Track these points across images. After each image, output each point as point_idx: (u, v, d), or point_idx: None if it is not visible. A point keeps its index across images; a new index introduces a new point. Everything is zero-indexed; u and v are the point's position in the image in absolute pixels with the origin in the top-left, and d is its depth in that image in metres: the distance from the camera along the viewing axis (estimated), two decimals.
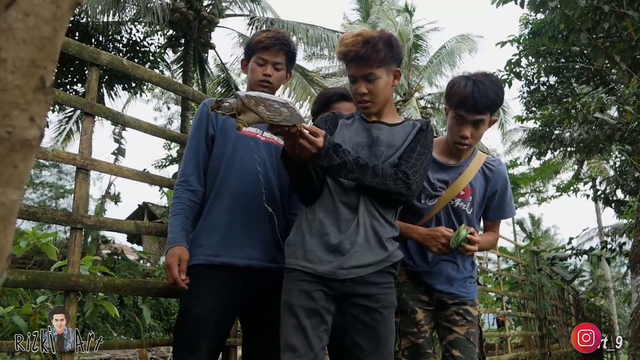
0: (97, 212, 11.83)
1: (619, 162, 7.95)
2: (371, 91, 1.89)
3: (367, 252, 1.79)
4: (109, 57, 2.04)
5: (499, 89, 2.16)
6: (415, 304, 2.24)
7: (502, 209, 2.35)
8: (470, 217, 2.26)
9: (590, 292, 21.35)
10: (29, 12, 0.49)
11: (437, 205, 2.23)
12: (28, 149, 0.51)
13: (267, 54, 2.13)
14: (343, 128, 1.97)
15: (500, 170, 2.32)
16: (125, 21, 12.49)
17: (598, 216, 20.97)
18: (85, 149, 1.89)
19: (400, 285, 2.26)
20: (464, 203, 2.24)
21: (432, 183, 2.22)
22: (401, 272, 2.27)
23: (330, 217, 1.82)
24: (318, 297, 1.77)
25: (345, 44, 1.88)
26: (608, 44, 6.15)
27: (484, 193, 2.29)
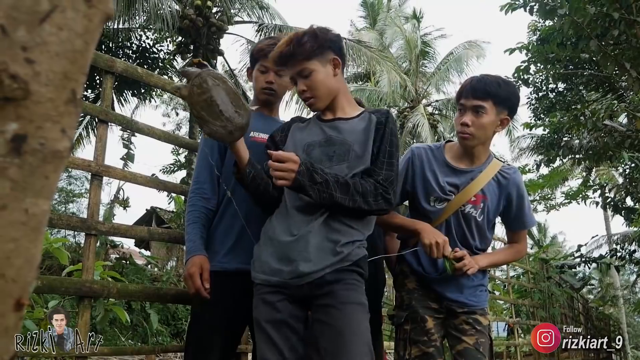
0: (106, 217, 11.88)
1: (628, 170, 7.91)
2: (310, 86, 1.82)
3: (319, 258, 1.70)
4: (124, 65, 2.06)
5: (504, 83, 2.13)
6: (425, 311, 2.21)
7: (522, 219, 2.29)
8: (481, 224, 2.21)
9: (599, 300, 21.17)
10: (62, 26, 0.49)
11: (447, 210, 2.18)
12: (59, 160, 0.52)
13: (268, 61, 2.09)
14: (295, 132, 1.93)
15: (514, 178, 2.25)
16: (135, 28, 12.58)
17: (607, 224, 20.82)
18: (100, 155, 1.91)
19: (410, 292, 2.25)
20: (475, 209, 2.18)
21: (442, 186, 2.18)
22: (411, 279, 2.27)
23: (283, 224, 1.77)
24: (282, 307, 1.71)
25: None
26: (618, 51, 6.12)
27: (497, 202, 2.22)
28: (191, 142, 2.55)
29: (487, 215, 2.21)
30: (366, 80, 18.54)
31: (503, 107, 2.11)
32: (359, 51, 12.87)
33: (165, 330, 8.06)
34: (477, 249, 2.25)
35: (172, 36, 12.89)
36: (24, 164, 0.48)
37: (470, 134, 2.11)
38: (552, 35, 7.93)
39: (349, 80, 19.32)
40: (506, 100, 2.11)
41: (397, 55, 18.85)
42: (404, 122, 16.27)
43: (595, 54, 6.16)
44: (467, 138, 2.12)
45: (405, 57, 18.59)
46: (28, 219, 0.50)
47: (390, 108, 17.85)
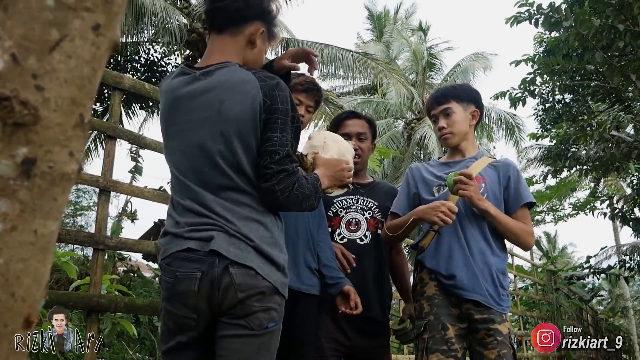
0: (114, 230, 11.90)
1: (636, 181, 7.87)
2: None
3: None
4: (132, 81, 2.09)
5: (458, 85, 2.53)
6: (447, 319, 2.18)
7: (521, 194, 2.33)
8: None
9: (608, 311, 20.96)
10: (71, 54, 0.52)
11: (453, 197, 2.25)
12: (67, 182, 0.54)
13: (304, 95, 2.21)
14: None
15: (506, 161, 2.46)
16: (144, 42, 12.70)
17: (616, 234, 20.65)
18: (107, 171, 1.93)
19: (431, 299, 2.23)
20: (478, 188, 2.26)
21: (440, 176, 2.36)
22: (430, 285, 2.25)
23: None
24: None
25: None
26: (623, 62, 6.13)
27: (497, 181, 2.33)
28: None
29: (490, 193, 2.29)
30: (373, 93, 18.59)
31: (466, 102, 2.38)
32: (366, 63, 12.91)
33: None
34: (487, 234, 2.26)
35: (180, 49, 13.00)
36: (34, 187, 0.50)
37: (449, 133, 2.36)
38: (557, 47, 7.94)
39: (356, 93, 19.39)
40: (466, 95, 2.41)
41: (403, 67, 18.90)
42: (411, 133, 16.26)
43: (601, 66, 6.15)
44: (447, 138, 2.37)
45: (412, 68, 18.63)
46: (37, 240, 0.52)
47: (397, 120, 17.88)
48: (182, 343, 1.53)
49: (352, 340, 2.33)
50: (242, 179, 1.52)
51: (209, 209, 1.51)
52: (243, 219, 1.50)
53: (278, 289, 1.51)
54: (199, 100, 1.56)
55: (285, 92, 1.57)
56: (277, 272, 1.52)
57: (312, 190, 1.60)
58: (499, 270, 2.26)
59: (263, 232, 1.51)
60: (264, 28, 1.65)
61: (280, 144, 1.51)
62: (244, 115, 1.51)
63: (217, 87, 1.55)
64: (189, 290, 1.47)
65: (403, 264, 2.71)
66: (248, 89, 1.53)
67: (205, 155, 1.53)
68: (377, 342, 2.44)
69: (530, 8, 6.00)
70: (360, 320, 2.32)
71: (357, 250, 2.38)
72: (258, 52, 1.67)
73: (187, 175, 1.56)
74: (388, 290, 2.55)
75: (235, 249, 1.47)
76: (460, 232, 2.24)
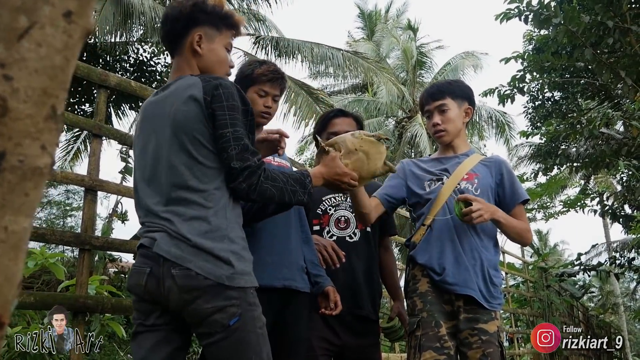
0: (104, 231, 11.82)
1: (625, 177, 7.92)
2: None
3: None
4: (117, 79, 2.06)
5: (453, 81, 2.49)
6: (441, 316, 2.16)
7: (517, 191, 2.33)
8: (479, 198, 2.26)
9: (599, 308, 21.11)
10: (41, 43, 0.49)
11: (445, 192, 2.26)
12: (39, 177, 0.51)
13: (268, 85, 2.14)
14: None
15: (497, 158, 2.45)
16: (133, 41, 12.63)
17: (606, 231, 20.82)
18: (93, 170, 1.90)
19: (423, 296, 2.20)
20: (470, 184, 2.28)
21: (432, 171, 2.35)
22: (423, 282, 2.22)
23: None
24: None
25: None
26: (612, 59, 6.16)
27: (490, 178, 2.33)
28: None
29: (482, 189, 2.28)
30: (364, 91, 18.60)
31: (461, 99, 2.38)
32: (356, 62, 12.91)
33: None
34: (479, 230, 2.24)
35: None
36: (3, 182, 0.48)
37: (444, 130, 2.34)
38: (547, 44, 7.96)
39: (346, 92, 19.39)
40: (461, 92, 2.39)
41: (394, 65, 18.93)
42: (402, 132, 16.29)
43: (590, 63, 6.19)
44: (442, 135, 2.35)
45: (402, 67, 18.67)
46: (7, 237, 0.49)
47: (388, 118, 17.89)
48: (145, 325, 1.58)
49: (343, 339, 2.32)
50: (195, 176, 1.56)
51: (157, 213, 1.57)
52: (188, 219, 1.53)
53: (225, 283, 1.50)
54: (156, 110, 1.67)
55: (230, 90, 1.60)
56: (223, 266, 1.51)
57: (288, 184, 1.62)
58: (490, 266, 2.24)
59: (206, 228, 1.53)
60: (201, 32, 1.72)
61: (234, 138, 1.55)
62: (190, 114, 1.57)
63: (169, 96, 1.66)
64: (138, 284, 1.56)
65: (391, 262, 2.70)
66: (192, 91, 1.60)
67: (162, 158, 1.60)
68: (367, 341, 2.43)
69: (520, 5, 6.02)
70: (350, 319, 2.31)
71: (346, 248, 2.37)
72: (209, 55, 1.74)
73: (145, 179, 1.65)
74: (378, 288, 2.54)
75: (176, 249, 1.51)
76: (452, 227, 2.22)
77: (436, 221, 2.24)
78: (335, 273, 2.29)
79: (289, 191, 1.62)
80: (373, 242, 2.53)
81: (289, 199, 1.63)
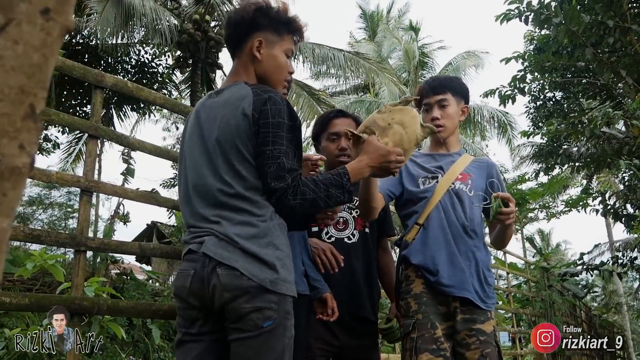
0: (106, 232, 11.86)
1: (627, 177, 7.90)
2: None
3: None
4: (114, 79, 2.05)
5: (454, 77, 2.52)
6: (436, 317, 2.14)
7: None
8: (472, 200, 2.28)
9: (602, 307, 21.06)
10: (18, 40, 0.49)
11: (439, 191, 2.24)
12: (18, 176, 0.51)
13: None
14: None
15: (489, 160, 2.49)
16: (134, 43, 12.65)
17: (609, 230, 20.76)
18: (89, 171, 1.90)
19: (418, 297, 2.17)
20: (464, 185, 2.28)
21: (427, 167, 2.33)
22: (417, 283, 2.20)
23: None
24: None
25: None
26: (613, 58, 6.14)
27: (482, 180, 2.33)
28: None
29: (476, 190, 2.29)
30: (365, 92, 18.59)
31: (460, 96, 2.38)
32: (357, 63, 12.91)
33: (167, 346, 7.99)
34: (472, 231, 2.23)
35: (170, 51, 12.96)
36: None
37: (442, 126, 2.31)
38: (547, 44, 7.94)
39: (348, 92, 19.39)
40: (461, 90, 2.40)
41: (396, 66, 18.92)
42: None
43: (591, 62, 6.18)
44: (440, 131, 2.30)
45: (404, 67, 18.66)
46: None
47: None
48: (191, 334, 1.62)
49: (341, 340, 2.31)
50: (241, 186, 1.59)
51: (206, 217, 1.62)
52: (236, 224, 1.57)
53: (267, 287, 1.53)
54: (209, 114, 1.70)
55: (278, 106, 1.62)
56: (267, 270, 1.54)
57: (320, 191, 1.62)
58: (484, 266, 2.23)
59: (254, 232, 1.56)
60: (261, 37, 1.74)
61: (272, 157, 1.57)
62: (238, 128, 1.60)
63: (222, 104, 1.68)
64: (183, 286, 1.60)
65: (390, 263, 2.68)
66: (243, 104, 1.62)
67: (208, 165, 1.65)
68: (366, 342, 2.41)
69: (520, 5, 6.00)
70: (349, 320, 2.30)
71: (345, 249, 2.36)
72: (268, 61, 1.75)
73: (192, 186, 1.69)
74: (377, 289, 2.53)
75: (223, 250, 1.54)
76: (447, 227, 2.21)
77: (430, 220, 2.22)
78: (334, 274, 2.28)
79: (322, 198, 1.62)
80: (372, 243, 2.52)
81: (325, 204, 1.64)
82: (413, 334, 2.12)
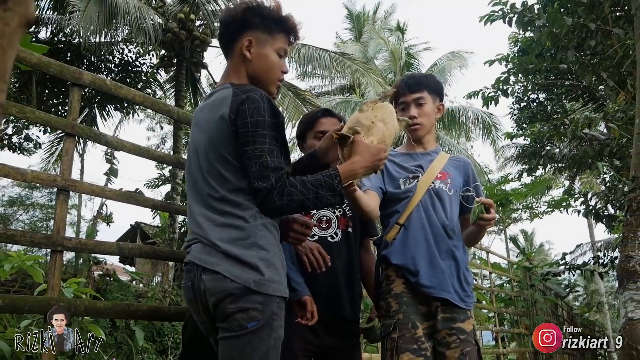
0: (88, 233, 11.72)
1: (608, 178, 8.00)
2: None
3: None
4: (92, 77, 2.02)
5: (430, 75, 2.52)
6: (417, 317, 2.13)
7: (479, 194, 2.32)
8: (452, 199, 2.29)
9: (584, 307, 21.31)
10: None
11: (420, 189, 2.24)
12: None
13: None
14: None
15: (464, 159, 2.48)
16: (117, 41, 12.54)
17: (591, 231, 21.01)
18: (66, 169, 1.86)
19: (399, 297, 2.17)
20: (444, 184, 2.29)
21: (406, 167, 2.32)
22: (398, 282, 2.19)
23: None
24: None
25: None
26: (595, 61, 6.21)
27: (460, 178, 2.36)
28: (164, 155, 2.53)
29: (455, 189, 2.30)
30: (351, 93, 18.61)
31: (435, 94, 2.37)
32: (343, 63, 12.91)
33: (150, 348, 7.92)
34: (451, 230, 2.24)
35: (155, 50, 12.86)
36: None
37: (420, 124, 2.31)
38: (531, 47, 8.01)
39: (334, 93, 19.39)
40: (436, 88, 2.39)
41: (382, 67, 18.96)
42: None
43: (573, 65, 6.24)
44: (417, 129, 2.32)
45: (390, 68, 18.71)
46: None
47: None
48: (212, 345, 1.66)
49: (323, 339, 2.30)
50: (225, 189, 1.60)
51: (196, 223, 1.65)
52: (219, 227, 1.58)
53: (252, 288, 1.53)
54: (200, 118, 1.73)
55: (256, 104, 1.60)
56: (250, 272, 1.54)
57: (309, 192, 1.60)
58: (464, 266, 2.24)
59: (236, 235, 1.56)
60: (251, 36, 1.73)
61: (254, 156, 1.56)
62: (218, 131, 1.61)
63: (208, 108, 1.70)
64: (189, 299, 1.65)
65: (372, 263, 2.67)
66: (222, 107, 1.63)
67: (198, 170, 1.67)
68: (347, 342, 2.40)
69: (503, 7, 6.05)
70: (331, 320, 2.29)
71: (327, 248, 2.34)
72: (258, 61, 1.74)
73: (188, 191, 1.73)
74: (359, 289, 2.52)
75: (207, 255, 1.57)
76: (427, 227, 2.21)
77: (411, 220, 2.22)
78: (316, 273, 2.26)
79: (311, 200, 1.60)
80: (354, 242, 2.51)
81: (314, 205, 1.63)
82: (394, 334, 2.12)
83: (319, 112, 2.60)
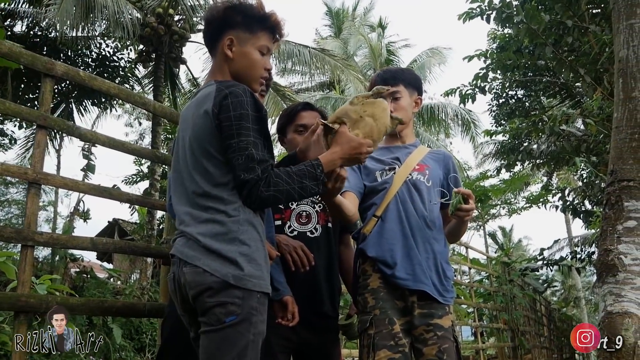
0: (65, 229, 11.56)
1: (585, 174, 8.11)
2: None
3: None
4: (64, 67, 1.97)
5: (406, 69, 2.52)
6: (394, 313, 2.10)
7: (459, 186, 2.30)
8: (430, 189, 2.27)
9: (562, 302, 21.65)
10: None
11: (397, 181, 2.23)
12: None
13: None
14: None
15: (445, 152, 2.47)
16: (95, 36, 12.34)
17: (568, 226, 21.34)
18: (37, 162, 1.82)
19: (375, 292, 2.14)
20: (422, 175, 2.27)
21: (383, 160, 2.31)
22: (374, 277, 2.16)
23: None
24: None
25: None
26: (572, 57, 6.27)
27: (439, 171, 2.35)
28: (139, 148, 2.48)
29: (433, 181, 2.29)
30: (331, 89, 18.61)
31: (412, 88, 2.37)
32: (323, 60, 12.90)
33: (128, 345, 7.84)
34: (431, 222, 2.22)
35: (133, 44, 12.69)
36: None
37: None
38: (509, 43, 8.07)
39: (314, 89, 19.38)
40: (413, 82, 2.39)
41: (362, 63, 18.99)
42: None
43: (551, 61, 6.29)
44: None
45: (370, 65, 18.75)
46: None
47: None
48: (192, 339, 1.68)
49: (302, 335, 2.28)
50: (209, 184, 1.62)
51: (181, 220, 1.68)
52: (202, 222, 1.61)
53: (231, 282, 1.54)
54: (187, 115, 1.76)
55: (239, 98, 1.62)
56: (230, 266, 1.55)
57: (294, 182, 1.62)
58: (443, 259, 2.21)
59: (218, 230, 1.58)
60: (232, 35, 1.76)
61: (239, 149, 1.58)
62: (202, 127, 1.64)
63: (193, 105, 1.73)
64: (171, 290, 1.68)
65: (351, 258, 2.65)
66: (206, 102, 1.66)
67: (185, 167, 1.69)
68: (326, 337, 2.39)
69: (481, 4, 6.07)
70: (310, 315, 2.28)
71: (307, 244, 2.32)
72: (240, 59, 1.77)
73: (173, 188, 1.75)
74: (338, 285, 2.50)
75: (188, 249, 1.60)
76: (404, 219, 2.19)
77: (388, 212, 2.20)
78: (297, 271, 2.24)
79: (296, 190, 1.62)
80: (334, 238, 2.50)
81: (299, 196, 1.65)
82: (370, 330, 2.08)
83: (300, 105, 2.59)
